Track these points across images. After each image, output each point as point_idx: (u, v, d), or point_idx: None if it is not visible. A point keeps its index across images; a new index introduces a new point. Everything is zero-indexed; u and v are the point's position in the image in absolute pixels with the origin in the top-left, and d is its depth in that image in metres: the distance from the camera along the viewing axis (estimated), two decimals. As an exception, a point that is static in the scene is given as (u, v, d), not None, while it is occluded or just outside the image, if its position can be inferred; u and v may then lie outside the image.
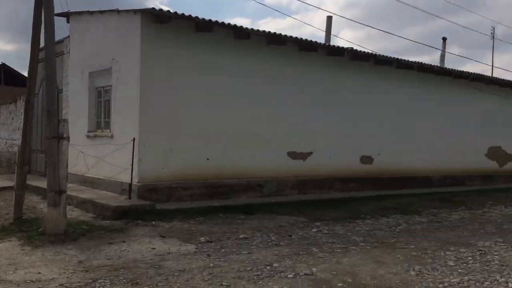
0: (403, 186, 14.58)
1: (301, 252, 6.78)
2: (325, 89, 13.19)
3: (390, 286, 5.27)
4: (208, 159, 11.12)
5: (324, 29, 17.90)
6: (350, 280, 5.47)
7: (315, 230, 8.47)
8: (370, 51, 13.61)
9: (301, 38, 12.15)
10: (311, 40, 12.34)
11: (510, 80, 17.84)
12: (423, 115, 15.46)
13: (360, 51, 13.29)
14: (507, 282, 5.41)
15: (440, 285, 5.31)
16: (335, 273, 5.75)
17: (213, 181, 11.20)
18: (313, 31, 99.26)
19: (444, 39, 23.05)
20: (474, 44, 66.74)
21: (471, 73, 16.31)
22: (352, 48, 13.12)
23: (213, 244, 7.21)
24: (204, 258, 6.32)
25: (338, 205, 11.31)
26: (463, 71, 16.06)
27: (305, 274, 5.66)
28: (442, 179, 15.88)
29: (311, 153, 12.94)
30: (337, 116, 13.40)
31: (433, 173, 15.70)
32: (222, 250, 6.79)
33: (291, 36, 11.90)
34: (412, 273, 5.82)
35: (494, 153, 17.87)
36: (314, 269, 5.88)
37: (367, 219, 9.76)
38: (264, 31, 11.48)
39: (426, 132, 15.51)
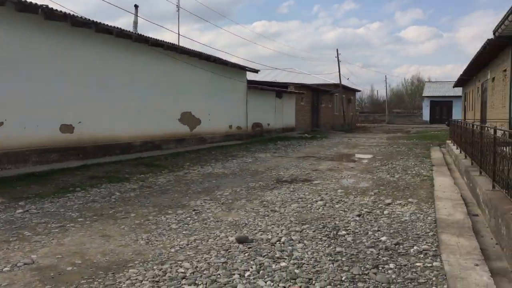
0: (107, 154, 14.31)
1: (11, 239, 5.81)
2: (16, 50, 11.51)
3: (124, 260, 5.04)
4: None
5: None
6: (79, 262, 4.99)
7: (20, 210, 7.40)
8: (69, 12, 12.52)
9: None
10: (-5, -9, 10.47)
11: (197, 51, 19.44)
12: (123, 81, 15.37)
13: (57, 10, 12.04)
14: (227, 236, 5.91)
15: (172, 250, 5.39)
16: (60, 256, 5.15)
17: None
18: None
19: (136, 6, 23.35)
20: (160, 14, 70.15)
21: (166, 42, 17.03)
22: (47, 6, 11.75)
23: None
24: None
25: (41, 180, 10.20)
26: (158, 39, 16.60)
27: (25, 263, 4.88)
28: (143, 145, 16.29)
29: (2, 123, 11.19)
30: (31, 81, 11.93)
31: (134, 139, 15.91)
32: None
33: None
34: (142, 242, 5.73)
35: (186, 118, 19.37)
36: (34, 256, 5.12)
37: (77, 192, 9.12)
38: None
39: (125, 98, 15.50)
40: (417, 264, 4.75)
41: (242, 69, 24.54)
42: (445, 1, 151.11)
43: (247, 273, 4.55)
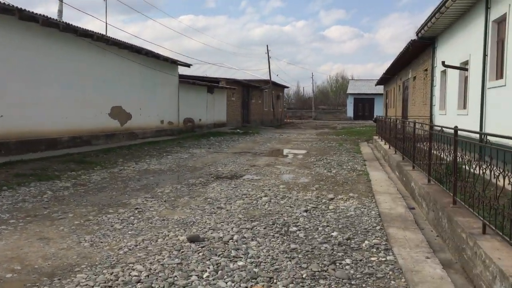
0: (32, 150, 13.42)
1: None
2: None
3: (69, 264, 4.71)
4: None
5: None
6: (19, 267, 4.59)
7: None
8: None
9: None
10: None
11: (128, 43, 18.72)
12: (49, 73, 14.47)
13: (-25, -7, 11.10)
14: (176, 236, 5.71)
15: (121, 252, 5.12)
16: (-4, 262, 4.71)
17: None
18: None
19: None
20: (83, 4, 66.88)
21: (95, 32, 16.23)
22: (-36, -12, 10.78)
23: None
24: None
25: (-40, 178, 9.35)
26: (88, 29, 15.78)
27: (-45, 272, 4.40)
28: (71, 140, 15.45)
29: None
30: None
31: (61, 134, 15.05)
32: None
33: None
34: (86, 244, 5.39)
35: (116, 112, 18.63)
36: (-36, 264, 4.64)
37: (4, 191, 8.43)
38: None
39: (51, 91, 14.61)
40: (372, 258, 4.84)
41: (174, 63, 24.03)
42: (366, 2, 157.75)
43: (205, 274, 4.40)
